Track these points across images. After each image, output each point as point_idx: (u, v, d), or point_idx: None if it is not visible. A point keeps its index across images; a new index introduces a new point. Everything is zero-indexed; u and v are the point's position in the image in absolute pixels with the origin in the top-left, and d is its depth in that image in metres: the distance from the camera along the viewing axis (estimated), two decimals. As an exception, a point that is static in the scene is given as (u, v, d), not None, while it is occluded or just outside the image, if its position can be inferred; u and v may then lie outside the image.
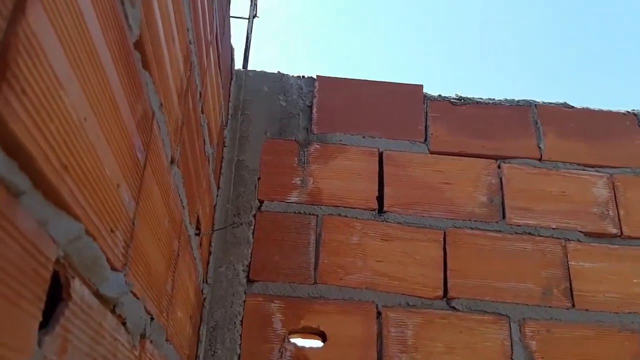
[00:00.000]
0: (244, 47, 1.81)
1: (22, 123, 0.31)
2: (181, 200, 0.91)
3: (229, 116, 1.65)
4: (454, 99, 1.78)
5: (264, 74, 1.76)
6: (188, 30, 0.86)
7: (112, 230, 0.52)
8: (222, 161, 1.58)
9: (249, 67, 1.80)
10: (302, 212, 1.59)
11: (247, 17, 1.82)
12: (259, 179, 1.62)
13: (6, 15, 0.28)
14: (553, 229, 1.63)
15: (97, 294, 0.50)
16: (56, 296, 0.42)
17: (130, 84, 0.54)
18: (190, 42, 0.89)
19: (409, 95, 1.77)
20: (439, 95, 1.78)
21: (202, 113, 1.12)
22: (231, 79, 1.68)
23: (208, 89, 1.16)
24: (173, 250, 0.87)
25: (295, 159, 1.66)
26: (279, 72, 1.77)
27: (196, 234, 1.15)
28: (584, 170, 1.72)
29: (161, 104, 0.70)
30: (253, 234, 1.55)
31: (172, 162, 0.82)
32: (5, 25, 0.28)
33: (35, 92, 0.32)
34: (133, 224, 0.60)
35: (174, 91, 0.78)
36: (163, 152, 0.73)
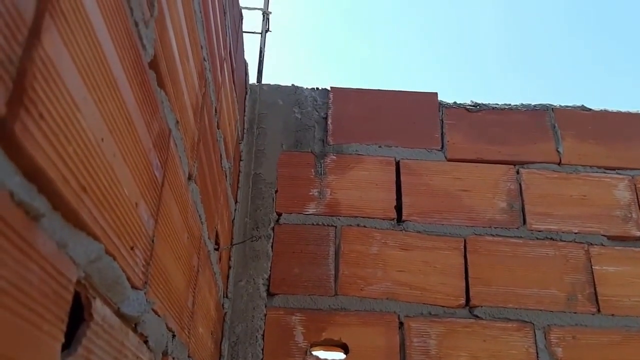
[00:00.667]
0: (257, 61, 1.81)
1: (40, 147, 0.31)
2: (199, 216, 0.92)
3: (245, 130, 1.66)
4: (469, 105, 1.77)
5: (278, 87, 1.77)
6: (202, 47, 0.87)
7: (131, 249, 0.52)
8: (239, 175, 1.59)
9: (263, 81, 1.81)
10: (320, 223, 1.59)
11: (260, 31, 1.83)
12: (276, 191, 1.62)
13: (22, 42, 0.28)
14: (575, 233, 1.61)
15: (118, 313, 0.50)
16: (78, 316, 0.42)
17: (146, 103, 0.54)
18: (204, 59, 0.89)
19: (424, 103, 1.77)
20: (454, 102, 1.77)
21: (218, 128, 1.12)
22: (246, 93, 1.69)
23: (223, 104, 1.17)
24: (193, 266, 0.87)
25: (312, 170, 1.66)
26: (293, 84, 1.78)
27: (215, 249, 1.15)
28: (604, 173, 1.69)
29: (177, 121, 0.70)
30: (272, 247, 1.55)
31: (189, 178, 0.82)
32: (21, 52, 0.28)
33: (53, 115, 0.32)
34: (152, 241, 0.60)
35: (189, 108, 0.79)
36: (180, 169, 0.74)
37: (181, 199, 0.74)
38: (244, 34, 1.74)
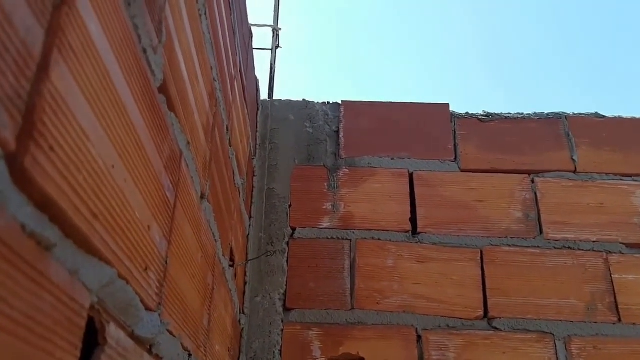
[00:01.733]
0: (268, 77, 1.83)
1: (51, 178, 0.32)
2: (213, 234, 0.92)
3: (257, 146, 1.67)
4: (481, 115, 1.77)
5: (289, 103, 1.78)
6: (212, 68, 0.88)
7: (145, 271, 0.53)
8: (252, 191, 1.59)
9: (275, 97, 1.83)
10: (335, 237, 1.59)
11: (270, 48, 1.84)
12: (290, 206, 1.63)
13: (30, 77, 0.29)
14: (593, 242, 1.59)
15: (132, 336, 0.51)
16: (92, 340, 0.42)
17: (156, 127, 0.55)
18: (214, 79, 0.90)
19: (436, 114, 1.77)
20: (466, 113, 1.77)
21: (230, 146, 1.13)
22: (257, 109, 1.70)
23: (234, 121, 1.18)
24: (208, 284, 0.88)
25: (325, 184, 1.66)
26: (304, 99, 1.79)
27: (230, 266, 1.16)
28: (621, 180, 1.67)
29: (188, 142, 0.71)
30: (287, 261, 1.55)
31: (202, 197, 0.83)
32: (30, 87, 0.29)
33: (63, 147, 0.33)
34: (166, 262, 0.60)
35: (200, 128, 0.79)
36: (193, 189, 0.74)
37: (194, 218, 0.75)
38: (254, 50, 1.76)
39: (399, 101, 1.79)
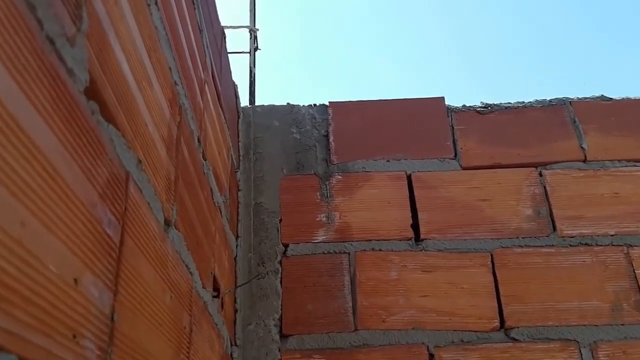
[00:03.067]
0: (248, 82, 1.69)
1: None
2: (187, 265, 0.78)
3: (241, 157, 1.53)
4: (480, 107, 1.63)
5: (272, 108, 1.64)
6: (170, 69, 0.74)
7: (74, 339, 0.39)
8: (238, 207, 1.45)
9: (257, 102, 1.69)
10: (331, 251, 1.45)
11: (248, 50, 1.71)
12: (280, 221, 1.49)
13: None
14: (611, 235, 1.46)
15: None
16: None
17: (79, 145, 0.41)
18: (175, 83, 0.77)
19: (431, 109, 1.63)
20: (463, 106, 1.64)
21: (205, 159, 0.99)
22: (238, 117, 1.56)
23: (209, 131, 1.04)
24: (183, 327, 0.73)
25: (317, 194, 1.52)
26: (288, 103, 1.65)
27: (215, 297, 1.02)
28: (635, 166, 1.54)
29: (140, 161, 0.57)
30: (281, 282, 1.41)
31: (167, 224, 0.69)
32: None
33: None
34: (112, 319, 0.46)
35: (158, 142, 0.66)
36: (151, 217, 0.60)
37: (155, 253, 0.61)
38: (232, 54, 1.62)
39: (390, 98, 1.65)
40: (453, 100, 1.64)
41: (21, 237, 0.31)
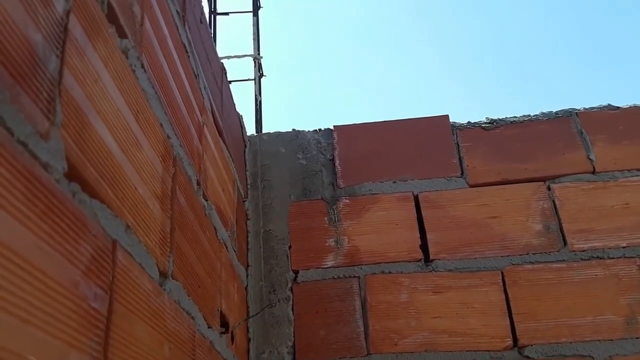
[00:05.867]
0: (254, 109, 1.72)
1: None
2: (187, 311, 0.81)
3: (248, 186, 1.56)
4: (485, 123, 1.64)
5: (278, 135, 1.67)
6: (162, 124, 0.77)
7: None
8: (247, 236, 1.48)
9: (265, 129, 1.71)
10: (341, 276, 1.46)
11: (253, 78, 1.73)
12: (290, 247, 1.51)
13: None
14: (623, 247, 1.45)
15: None
16: None
17: (59, 232, 0.44)
18: (168, 136, 0.79)
19: (435, 128, 1.64)
20: (468, 122, 1.64)
21: (206, 200, 1.02)
22: (245, 146, 1.59)
23: (209, 171, 1.07)
24: (185, 374, 0.76)
25: (325, 218, 1.54)
26: (293, 129, 1.67)
27: (223, 333, 1.04)
28: (645, 175, 1.53)
29: (128, 226, 0.60)
30: (293, 309, 1.43)
31: (164, 277, 0.71)
32: None
33: None
34: (102, 388, 0.49)
35: (150, 200, 0.68)
36: (143, 277, 0.63)
37: (149, 310, 0.64)
38: (237, 83, 1.65)
39: (394, 119, 1.66)
40: (457, 118, 1.65)
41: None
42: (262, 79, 1.78)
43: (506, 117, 1.65)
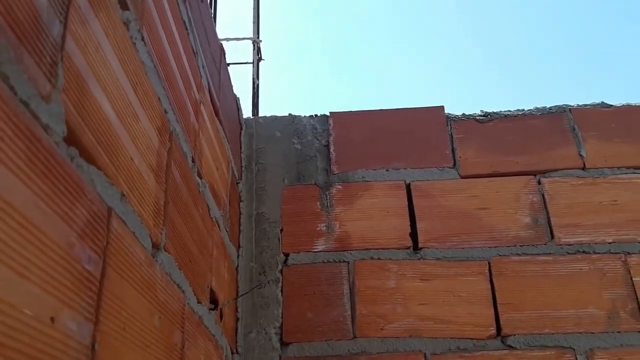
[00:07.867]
0: (251, 93, 1.72)
1: None
2: (178, 285, 0.82)
3: (243, 168, 1.57)
4: (479, 115, 1.65)
5: (274, 119, 1.68)
6: (159, 98, 0.78)
7: (53, 373, 0.43)
8: (240, 217, 1.49)
9: (261, 113, 1.72)
10: (331, 260, 1.48)
11: (252, 61, 1.74)
12: (281, 230, 1.52)
13: None
14: (609, 243, 1.47)
15: None
16: None
17: (56, 193, 0.45)
18: (165, 111, 0.80)
19: (430, 118, 1.65)
20: (463, 114, 1.66)
21: (200, 178, 1.03)
22: (241, 129, 1.60)
23: (205, 150, 1.08)
24: (174, 344, 0.77)
25: (318, 203, 1.56)
26: (290, 114, 1.68)
27: (212, 309, 1.06)
28: (634, 173, 1.55)
29: (123, 194, 0.61)
30: (282, 291, 1.44)
31: (156, 248, 0.73)
32: None
33: None
34: (93, 348, 0.50)
35: (145, 172, 0.69)
36: (136, 246, 0.64)
37: (141, 279, 0.65)
38: (235, 65, 1.66)
39: (390, 108, 1.68)
40: (453, 109, 1.66)
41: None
42: (261, 63, 1.79)
43: (500, 111, 1.67)
